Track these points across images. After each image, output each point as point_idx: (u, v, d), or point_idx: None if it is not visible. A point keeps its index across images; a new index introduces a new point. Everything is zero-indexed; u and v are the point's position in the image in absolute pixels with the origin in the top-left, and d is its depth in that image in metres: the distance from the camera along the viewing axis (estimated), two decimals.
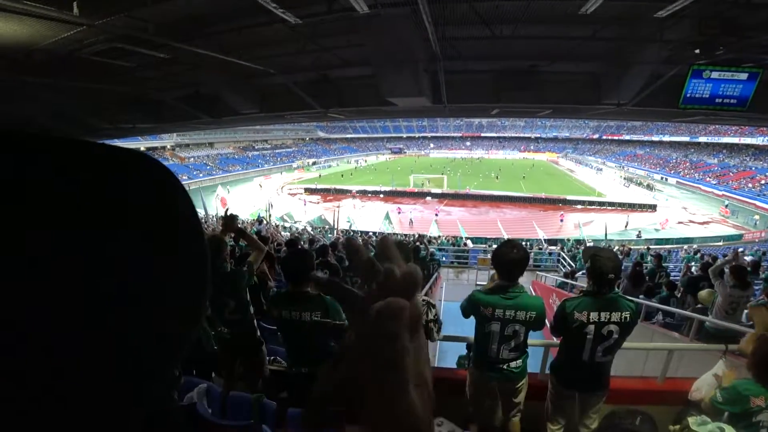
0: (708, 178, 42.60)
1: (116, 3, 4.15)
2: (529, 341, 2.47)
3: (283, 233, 17.41)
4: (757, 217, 28.49)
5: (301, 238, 14.12)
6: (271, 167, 56.67)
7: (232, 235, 3.40)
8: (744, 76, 5.13)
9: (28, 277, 0.19)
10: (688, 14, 4.26)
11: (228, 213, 3.34)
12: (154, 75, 7.08)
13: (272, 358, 3.33)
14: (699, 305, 5.05)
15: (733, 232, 25.47)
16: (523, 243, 15.06)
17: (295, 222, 22.07)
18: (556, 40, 5.65)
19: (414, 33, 4.92)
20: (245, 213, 24.40)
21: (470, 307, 2.45)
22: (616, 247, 16.13)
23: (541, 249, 17.73)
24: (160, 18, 4.68)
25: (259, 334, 3.11)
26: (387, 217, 21.73)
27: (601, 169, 56.78)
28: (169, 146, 47.85)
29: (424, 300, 2.09)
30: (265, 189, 39.08)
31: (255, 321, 3.09)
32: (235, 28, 5.23)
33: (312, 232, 19.01)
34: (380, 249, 0.39)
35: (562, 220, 27.17)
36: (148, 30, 4.75)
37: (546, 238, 20.04)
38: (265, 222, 20.28)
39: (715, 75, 5.13)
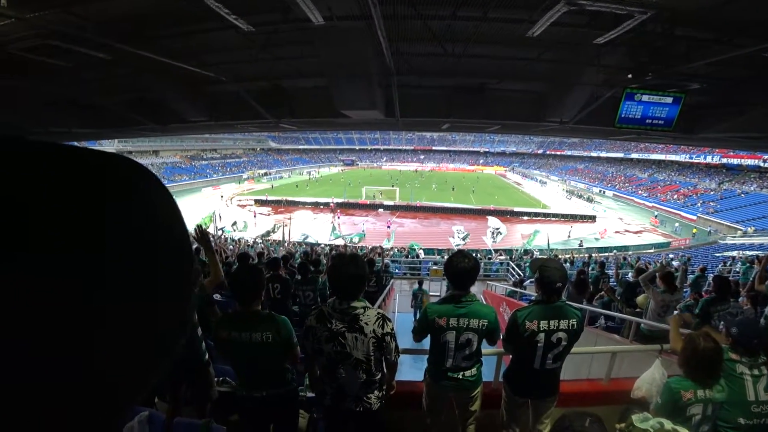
0: (640, 191, 46.40)
1: None
2: (483, 350, 2.52)
3: (230, 246, 16.78)
4: (677, 224, 31.73)
5: (251, 251, 13.65)
6: (220, 177, 54.68)
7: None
8: (669, 99, 5.65)
9: None
10: (622, 42, 4.65)
11: (199, 226, 3.18)
12: (94, 77, 6.63)
13: (221, 378, 3.15)
14: (637, 309, 5.41)
15: (662, 240, 27.85)
16: (474, 254, 15.51)
17: (242, 230, 21.30)
18: (505, 60, 5.95)
19: (368, 47, 4.97)
20: (191, 225, 23.25)
21: (423, 324, 2.45)
22: (564, 257, 16.99)
23: (490, 259, 18.36)
24: (100, 16, 4.39)
25: (206, 354, 2.93)
26: (333, 229, 21.59)
27: (545, 183, 60.04)
28: None
29: (379, 313, 2.07)
30: (212, 199, 37.58)
31: (203, 342, 2.91)
32: (185, 32, 5.03)
33: (262, 245, 18.47)
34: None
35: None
36: (87, 28, 4.44)
37: (495, 248, 20.80)
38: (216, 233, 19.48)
39: (645, 98, 5.61)
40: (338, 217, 30.67)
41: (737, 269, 13.98)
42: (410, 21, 4.75)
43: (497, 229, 21.97)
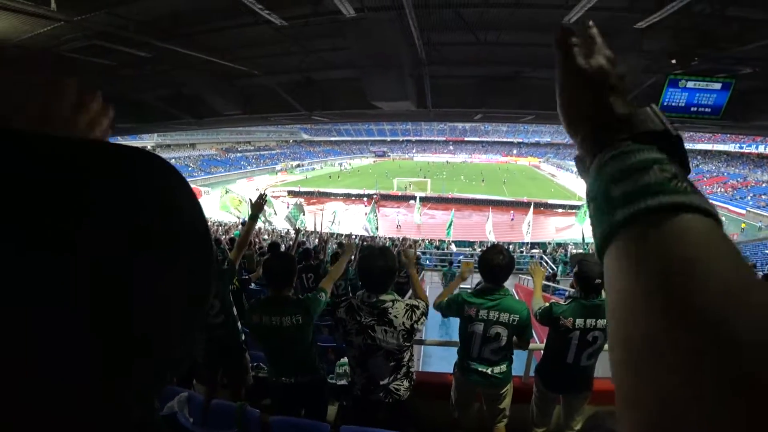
0: None
1: None
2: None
3: (265, 237, 17.18)
4: (724, 218, 29.57)
5: (283, 242, 13.96)
6: (254, 169, 56.06)
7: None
8: (718, 85, 5.30)
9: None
10: (665, 26, 4.39)
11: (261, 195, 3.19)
12: (135, 74, 6.93)
13: (255, 364, 3.28)
14: None
15: None
16: (507, 245, 15.25)
17: (300, 221, 21.58)
18: (540, 48, 5.74)
19: (400, 37, 4.93)
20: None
21: (453, 303, 2.44)
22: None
23: (522, 252, 17.98)
24: (141, 16, 4.58)
25: (243, 338, 3.05)
26: (371, 220, 21.50)
27: None
28: (149, 147, 46.87)
29: (407, 305, 2.08)
30: (247, 191, 38.58)
31: (239, 324, 3.03)
32: (220, 28, 5.16)
33: (294, 235, 18.75)
34: None
35: (512, 219, 27.57)
36: (129, 28, 4.64)
37: (529, 241, 20.32)
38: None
39: (690, 84, 5.29)
40: (378, 210, 30.39)
41: None
42: (442, 10, 4.67)
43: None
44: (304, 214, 19.46)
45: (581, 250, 17.61)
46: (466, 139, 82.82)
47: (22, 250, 0.18)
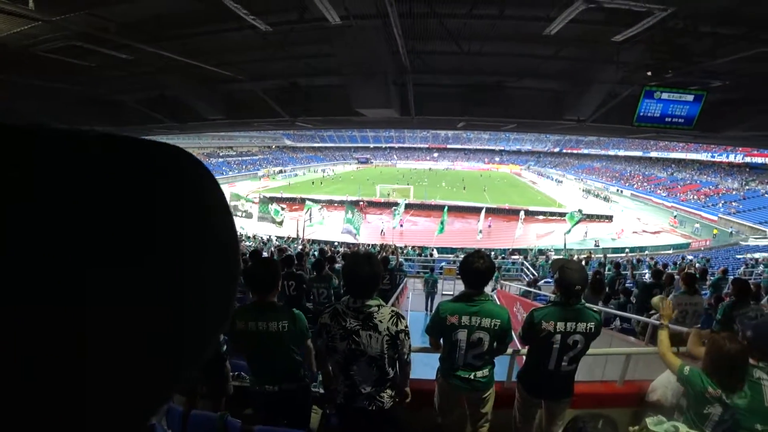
0: (659, 191, 45.39)
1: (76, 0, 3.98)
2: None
3: (246, 243, 16.96)
4: (697, 225, 30.98)
5: (265, 249, 13.81)
6: (236, 175, 55.34)
7: None
8: (690, 97, 5.52)
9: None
10: (641, 39, 4.56)
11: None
12: (116, 76, 6.80)
13: (236, 373, 3.22)
14: (652, 311, 5.32)
15: (681, 241, 27.20)
16: (489, 252, 15.44)
17: (274, 211, 21.25)
18: (521, 58, 5.89)
19: (384, 45, 4.99)
20: None
21: (435, 324, 2.45)
22: (580, 257, 16.77)
23: (505, 258, 18.21)
24: (123, 17, 4.52)
25: (224, 346, 3.00)
26: (351, 221, 21.31)
27: (561, 182, 59.19)
28: None
29: (393, 311, 2.09)
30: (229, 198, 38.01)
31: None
32: (204, 32, 5.12)
33: (277, 242, 18.61)
34: None
35: (490, 226, 27.94)
36: (110, 29, 4.57)
37: (510, 248, 20.61)
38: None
39: (665, 96, 5.50)
40: (365, 217, 30.33)
41: (759, 271, 13.61)
42: (426, 19, 4.74)
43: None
44: (272, 204, 19.29)
45: (561, 256, 17.94)
46: (448, 146, 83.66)
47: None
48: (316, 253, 10.78)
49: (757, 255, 19.37)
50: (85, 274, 0.18)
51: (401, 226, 27.18)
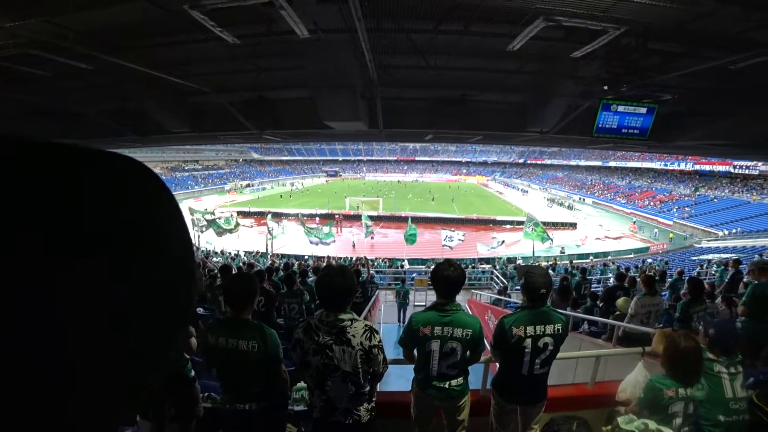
0: (618, 198, 47.65)
1: (32, 6, 3.79)
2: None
3: (214, 259, 16.51)
4: (656, 230, 32.73)
5: (233, 263, 13.44)
6: (202, 189, 53.89)
7: None
8: (644, 110, 5.85)
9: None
10: (598, 55, 4.82)
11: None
12: (75, 87, 6.51)
13: (206, 394, 3.09)
14: (617, 312, 5.53)
15: (641, 245, 28.58)
16: (460, 262, 15.65)
17: (225, 221, 21.00)
18: (486, 73, 6.08)
19: (352, 59, 5.03)
20: None
21: (408, 335, 2.45)
22: (547, 264, 17.26)
23: (474, 268, 18.49)
24: (83, 26, 4.33)
25: (192, 371, 2.88)
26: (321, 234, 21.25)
27: (526, 191, 61.01)
28: None
29: (366, 325, 2.07)
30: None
31: (188, 357, 2.86)
32: (168, 42, 5.00)
33: (246, 258, 18.21)
34: None
35: (464, 236, 28.38)
36: (69, 37, 4.37)
37: (480, 257, 20.98)
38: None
39: (621, 108, 5.80)
40: (340, 231, 30.18)
41: (713, 271, 14.44)
42: (393, 34, 4.83)
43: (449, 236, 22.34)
44: (219, 219, 19.43)
45: (524, 263, 18.43)
46: (416, 159, 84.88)
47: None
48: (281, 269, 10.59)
49: (709, 256, 20.56)
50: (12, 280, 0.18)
51: (372, 238, 27.13)
